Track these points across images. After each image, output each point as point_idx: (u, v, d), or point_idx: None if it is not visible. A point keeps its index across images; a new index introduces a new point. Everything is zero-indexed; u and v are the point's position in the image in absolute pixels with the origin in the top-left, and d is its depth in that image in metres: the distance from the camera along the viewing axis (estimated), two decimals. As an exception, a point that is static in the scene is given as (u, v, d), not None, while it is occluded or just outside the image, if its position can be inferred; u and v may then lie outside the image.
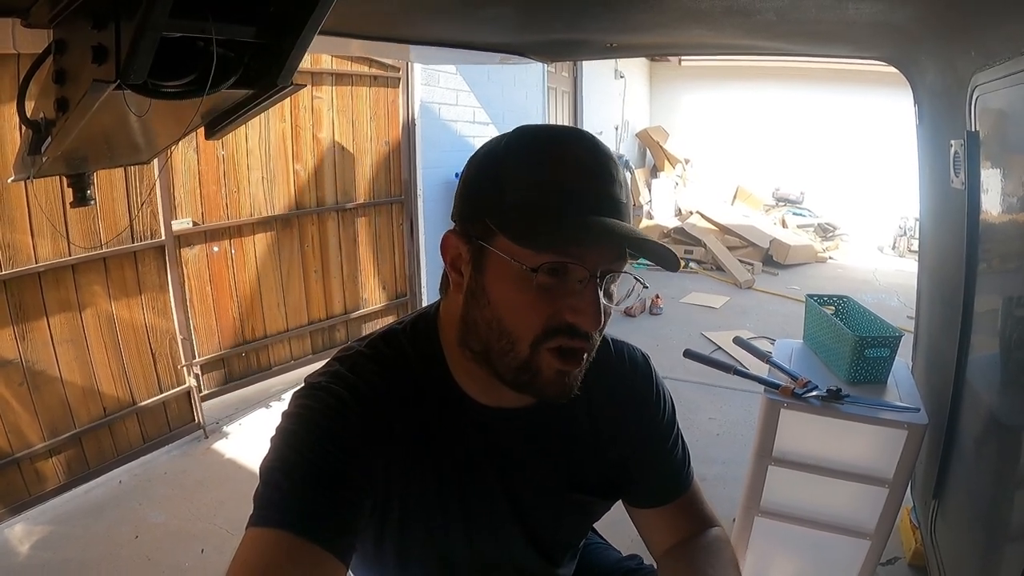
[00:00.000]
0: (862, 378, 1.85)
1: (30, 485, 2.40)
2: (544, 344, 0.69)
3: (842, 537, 1.82)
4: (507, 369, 0.72)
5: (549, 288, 0.68)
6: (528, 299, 0.68)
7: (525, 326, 0.69)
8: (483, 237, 0.70)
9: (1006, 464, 1.43)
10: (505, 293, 0.70)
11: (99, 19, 0.79)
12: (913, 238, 7.72)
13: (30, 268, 2.30)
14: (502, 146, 0.74)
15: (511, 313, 0.70)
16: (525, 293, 0.68)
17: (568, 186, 0.68)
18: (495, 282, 0.70)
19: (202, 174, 3.04)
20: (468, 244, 0.72)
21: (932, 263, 2.18)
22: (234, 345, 3.36)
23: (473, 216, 0.72)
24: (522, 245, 0.66)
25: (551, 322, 0.69)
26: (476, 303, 0.72)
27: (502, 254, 0.68)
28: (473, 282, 0.72)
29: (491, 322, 0.71)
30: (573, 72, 7.03)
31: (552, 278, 0.67)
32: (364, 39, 1.71)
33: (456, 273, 0.75)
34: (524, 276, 0.67)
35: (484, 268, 0.71)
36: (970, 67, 1.43)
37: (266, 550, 0.62)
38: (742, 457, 2.67)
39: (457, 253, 0.74)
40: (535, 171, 0.69)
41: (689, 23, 1.48)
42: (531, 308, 0.68)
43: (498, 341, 0.71)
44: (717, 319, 5.17)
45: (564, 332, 0.69)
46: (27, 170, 1.20)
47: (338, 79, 3.66)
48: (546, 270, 0.67)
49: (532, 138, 0.73)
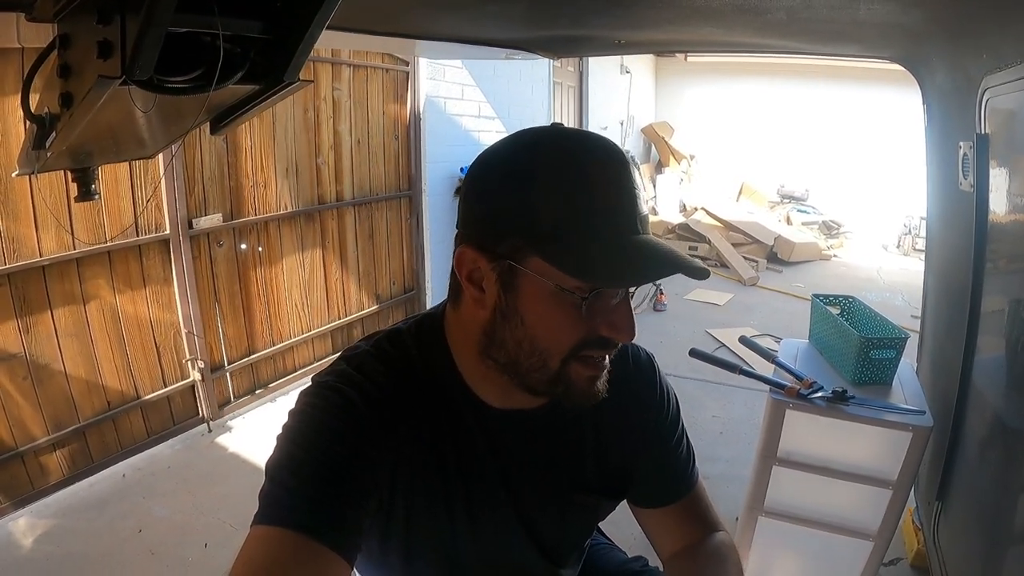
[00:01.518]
0: (867, 379, 1.85)
1: (34, 479, 2.41)
2: (574, 357, 0.70)
3: (845, 538, 1.82)
4: (538, 382, 0.73)
5: (587, 307, 0.68)
6: (567, 319, 0.68)
7: (560, 344, 0.69)
8: (513, 257, 0.68)
9: (1011, 467, 1.42)
10: (541, 313, 0.69)
11: (104, 14, 0.78)
12: (918, 237, 7.70)
13: (35, 261, 2.30)
14: (526, 159, 0.70)
15: (547, 332, 0.69)
16: (563, 314, 0.68)
17: (605, 206, 0.67)
18: (529, 302, 0.69)
19: (230, 167, 3.04)
20: (493, 262, 0.70)
21: (939, 264, 2.16)
22: (262, 349, 3.38)
23: (501, 234, 0.69)
24: (567, 272, 0.65)
25: (586, 337, 0.69)
26: (506, 322, 0.71)
27: (538, 276, 0.67)
28: (502, 301, 0.70)
29: (522, 341, 0.70)
30: (579, 67, 7.00)
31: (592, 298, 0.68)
32: (370, 34, 1.70)
33: (475, 288, 0.72)
34: (564, 298, 0.67)
35: (516, 288, 0.69)
36: (981, 69, 1.41)
37: (271, 548, 0.62)
38: (745, 456, 2.67)
39: (475, 268, 0.71)
40: (571, 190, 0.67)
41: (698, 21, 1.47)
42: (569, 328, 0.69)
43: (528, 358, 0.71)
44: (721, 316, 5.16)
45: (596, 345, 0.70)
46: (32, 165, 1.20)
47: (355, 70, 3.65)
48: (592, 293, 0.67)
49: (562, 151, 0.69)
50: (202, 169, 2.90)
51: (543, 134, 0.71)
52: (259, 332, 3.35)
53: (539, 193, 0.67)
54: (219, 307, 3.08)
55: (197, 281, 2.93)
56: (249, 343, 3.30)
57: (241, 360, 3.25)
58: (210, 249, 3.00)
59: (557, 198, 0.67)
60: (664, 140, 8.98)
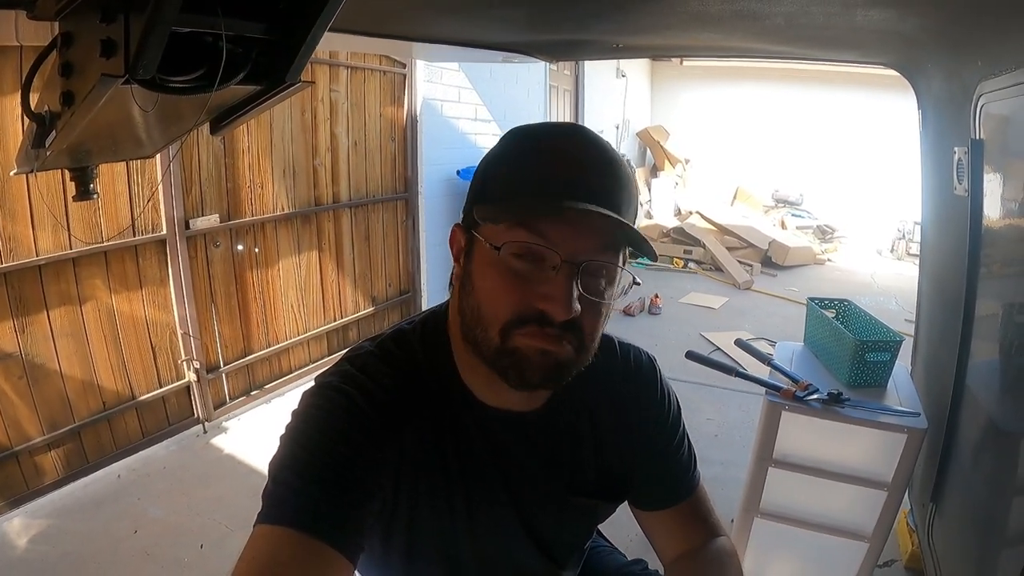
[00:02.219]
0: (862, 382, 1.86)
1: (29, 479, 2.39)
2: (515, 331, 0.69)
3: (840, 539, 1.83)
4: (488, 357, 0.71)
5: (521, 274, 0.68)
6: (501, 283, 0.69)
7: (497, 311, 0.69)
8: (472, 226, 0.73)
9: (1004, 469, 1.44)
10: (483, 278, 0.71)
11: (108, 12, 0.78)
12: (912, 241, 7.74)
13: (31, 261, 2.29)
14: (498, 143, 0.76)
15: (486, 298, 0.70)
16: (499, 277, 0.69)
17: (545, 173, 0.69)
18: (477, 267, 0.72)
19: (227, 168, 3.04)
20: (464, 235, 0.75)
21: (933, 268, 2.18)
22: (258, 350, 3.37)
23: (467, 208, 0.75)
24: (489, 222, 0.69)
25: (521, 308, 0.68)
26: (464, 291, 0.74)
27: (481, 238, 0.70)
28: (463, 270, 0.74)
29: (474, 308, 0.72)
30: (575, 71, 7.02)
31: (524, 263, 0.68)
32: (371, 36, 1.71)
33: (457, 265, 0.77)
34: (497, 259, 0.68)
35: (472, 256, 0.73)
36: (976, 76, 1.43)
37: (275, 547, 0.62)
38: (740, 458, 2.68)
39: (460, 245, 0.76)
40: (518, 161, 0.71)
41: (697, 26, 1.48)
42: (503, 292, 0.69)
43: (477, 326, 0.71)
44: (716, 320, 5.17)
45: (535, 321, 0.68)
46: (31, 163, 1.19)
47: (353, 72, 3.66)
48: (513, 252, 0.67)
49: (524, 133, 0.74)
50: (199, 170, 2.90)
51: (525, 125, 0.76)
52: (255, 333, 3.34)
53: (494, 166, 0.74)
54: (215, 308, 3.08)
55: (193, 282, 2.93)
56: (245, 344, 3.29)
57: (237, 361, 3.24)
58: (207, 250, 3.00)
59: (504, 167, 0.72)
60: (659, 144, 9.00)
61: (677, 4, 1.25)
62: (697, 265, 6.89)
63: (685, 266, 6.87)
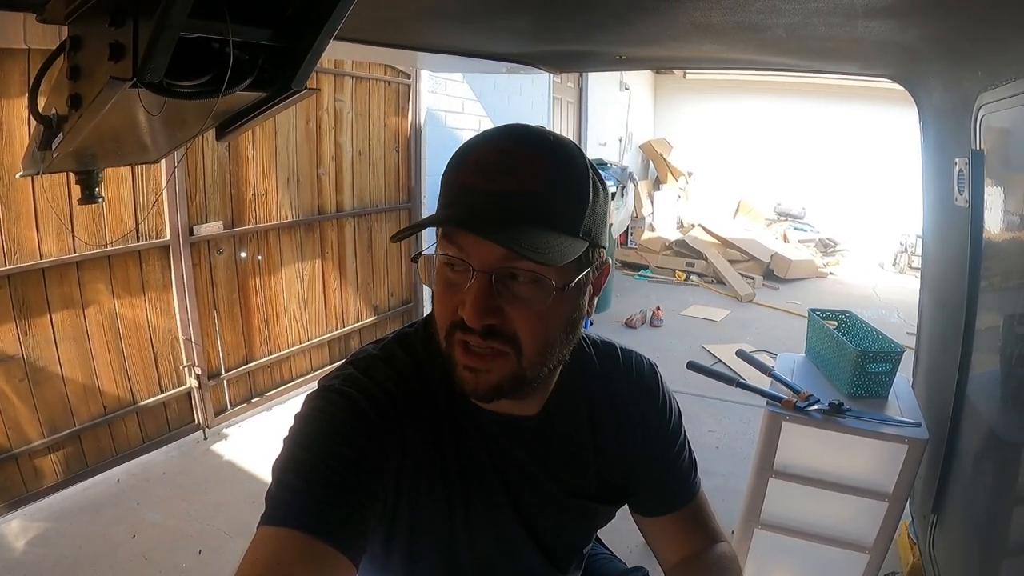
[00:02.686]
0: (863, 392, 1.86)
1: (28, 481, 2.39)
2: (452, 336, 0.71)
3: (841, 550, 1.82)
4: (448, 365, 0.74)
5: (452, 283, 0.70)
6: (439, 291, 0.72)
7: (440, 318, 0.73)
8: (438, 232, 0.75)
9: (1005, 480, 1.43)
10: (435, 284, 0.73)
11: (117, 17, 0.79)
12: (914, 255, 7.73)
13: (35, 264, 2.31)
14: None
15: (435, 304, 0.74)
16: (438, 286, 0.72)
17: (462, 182, 0.70)
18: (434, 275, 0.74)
19: (231, 175, 3.06)
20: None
21: (934, 280, 2.18)
22: (259, 357, 3.38)
23: None
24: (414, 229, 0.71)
25: (454, 316, 0.70)
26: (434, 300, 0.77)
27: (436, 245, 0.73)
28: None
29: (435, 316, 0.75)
30: (578, 83, 7.06)
31: (453, 273, 0.70)
32: (375, 45, 1.72)
33: None
34: (439, 268, 0.72)
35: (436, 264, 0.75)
36: (976, 87, 1.44)
37: (277, 548, 0.62)
38: (741, 470, 2.67)
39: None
40: (449, 170, 0.73)
41: (699, 37, 1.49)
42: (440, 301, 0.72)
43: (437, 333, 0.74)
44: (718, 332, 5.17)
45: (460, 327, 0.70)
46: (37, 166, 1.20)
47: (357, 82, 3.69)
48: (442, 262, 0.70)
49: (471, 139, 0.75)
50: (204, 176, 2.92)
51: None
52: (257, 341, 3.35)
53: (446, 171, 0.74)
54: (217, 314, 3.09)
55: (196, 288, 2.94)
56: (247, 351, 3.30)
57: (238, 368, 3.25)
58: (210, 256, 3.01)
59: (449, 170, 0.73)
60: (662, 157, 9.04)
61: (680, 15, 1.26)
62: (699, 278, 6.90)
63: (687, 279, 6.87)
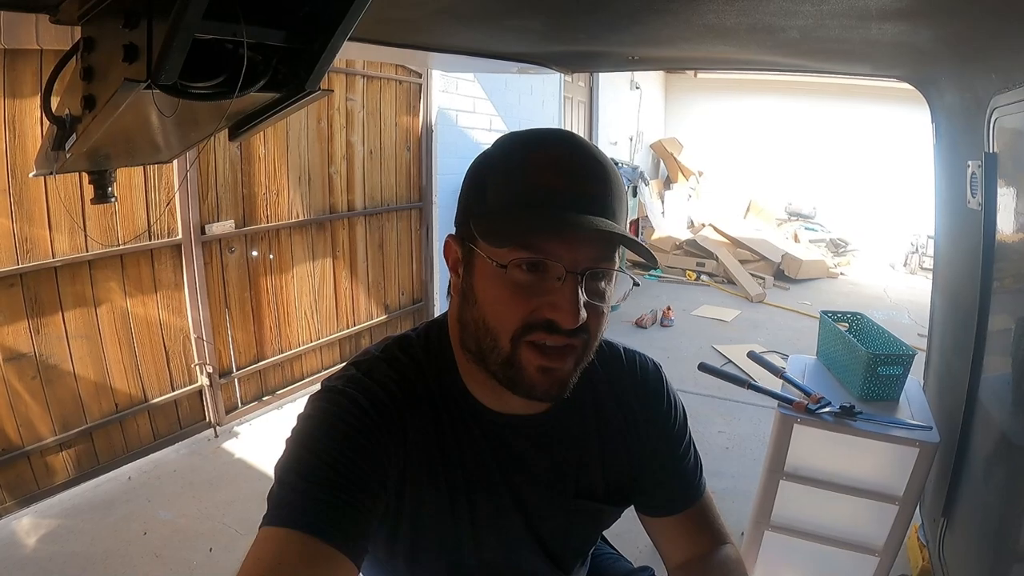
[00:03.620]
0: (875, 395, 1.85)
1: (39, 478, 2.42)
2: (523, 338, 0.70)
3: (851, 553, 1.81)
4: (495, 366, 0.73)
5: (527, 285, 0.69)
6: (506, 296, 0.70)
7: (505, 322, 0.70)
8: (470, 239, 0.73)
9: (1017, 484, 1.42)
10: (487, 291, 0.71)
11: (131, 18, 0.79)
12: (925, 255, 7.68)
13: (47, 262, 2.33)
14: (488, 151, 0.77)
15: (492, 310, 0.71)
16: (504, 290, 0.70)
17: (539, 183, 0.69)
18: (480, 280, 0.72)
19: (243, 174, 3.07)
20: (461, 247, 0.75)
21: (946, 282, 2.17)
22: (271, 356, 3.40)
23: (462, 220, 0.75)
24: (493, 243, 0.69)
25: (530, 318, 0.69)
26: (467, 303, 0.74)
27: (482, 253, 0.71)
28: (464, 283, 0.75)
29: (478, 320, 0.73)
30: (589, 82, 7.05)
31: (529, 275, 0.69)
32: (388, 46, 1.72)
33: (455, 275, 0.78)
34: (500, 273, 0.69)
35: (471, 268, 0.73)
36: (990, 89, 1.43)
37: (280, 549, 0.62)
38: (751, 471, 2.66)
39: (456, 256, 0.77)
40: (511, 172, 0.72)
41: (713, 39, 1.48)
42: (509, 305, 0.70)
43: (484, 338, 0.72)
44: (728, 332, 5.15)
45: (543, 328, 0.69)
46: (50, 166, 1.21)
47: (369, 81, 3.70)
48: (517, 266, 0.68)
49: (513, 141, 0.75)
50: (216, 175, 2.93)
51: (512, 132, 0.77)
52: (268, 339, 3.37)
53: (487, 177, 0.74)
54: (229, 313, 3.10)
55: (208, 287, 2.96)
56: (258, 350, 3.32)
57: (249, 366, 3.27)
58: (221, 255, 3.03)
59: (499, 179, 0.72)
60: (673, 156, 9.01)
61: (693, 17, 1.26)
62: (710, 278, 6.87)
63: (698, 278, 6.85)
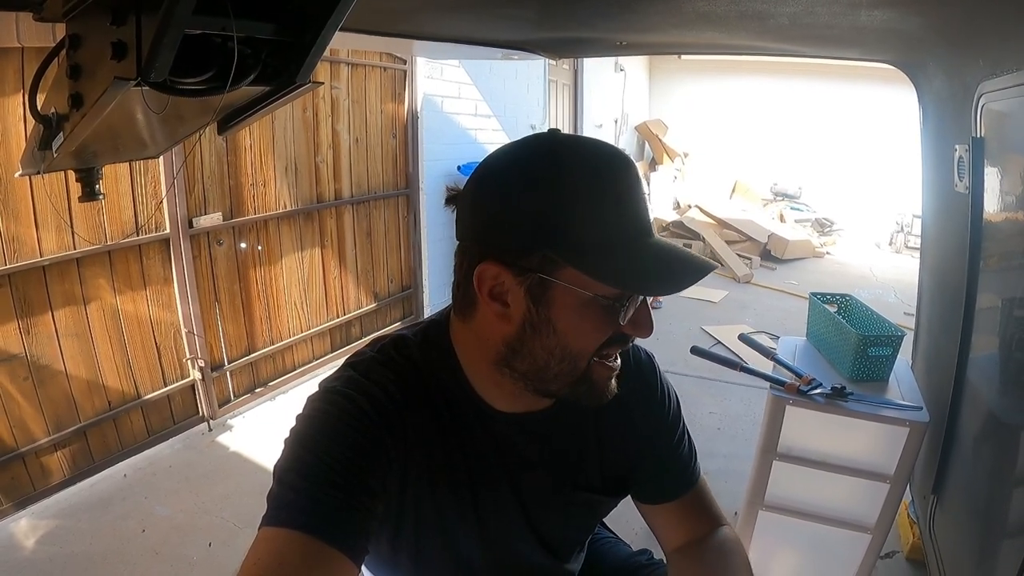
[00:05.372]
0: (864, 376, 1.87)
1: (35, 479, 2.40)
2: (598, 355, 0.74)
3: (843, 531, 1.84)
4: (561, 386, 0.75)
5: (609, 307, 0.71)
6: (598, 323, 0.71)
7: (589, 345, 0.73)
8: (544, 270, 0.69)
9: (1005, 461, 1.45)
10: (574, 321, 0.71)
11: (118, 14, 0.77)
12: (910, 234, 7.76)
13: (35, 262, 2.29)
14: (548, 170, 0.70)
15: (578, 337, 0.72)
16: (596, 318, 0.71)
17: (631, 215, 0.71)
18: (562, 311, 0.71)
19: (230, 166, 3.04)
20: (520, 276, 0.70)
21: (934, 263, 2.19)
22: (262, 348, 3.38)
23: (527, 248, 0.69)
24: (600, 280, 0.68)
25: (612, 336, 0.73)
26: (537, 334, 0.72)
27: (571, 286, 0.69)
28: (532, 314, 0.71)
29: (554, 349, 0.72)
30: (574, 66, 7.01)
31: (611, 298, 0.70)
32: (376, 35, 1.70)
33: (499, 304, 0.72)
34: (595, 303, 0.70)
35: (548, 300, 0.70)
36: (978, 75, 1.44)
37: (280, 549, 0.62)
38: (743, 451, 2.69)
39: (498, 283, 0.72)
40: (597, 201, 0.69)
41: (702, 25, 1.48)
42: (597, 330, 0.72)
43: (559, 364, 0.73)
44: (716, 313, 5.19)
45: (617, 342, 0.74)
46: (36, 165, 1.19)
47: (354, 69, 3.66)
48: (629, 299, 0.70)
49: (583, 160, 0.71)
50: (202, 168, 2.90)
51: (559, 142, 0.72)
52: (259, 331, 3.35)
53: (568, 205, 0.68)
54: (219, 306, 3.08)
55: (197, 280, 2.93)
56: (249, 342, 3.30)
57: (241, 359, 3.25)
58: (210, 248, 3.00)
59: (586, 209, 0.69)
60: (658, 138, 9.00)
61: (683, 3, 1.25)
62: (698, 259, 6.89)
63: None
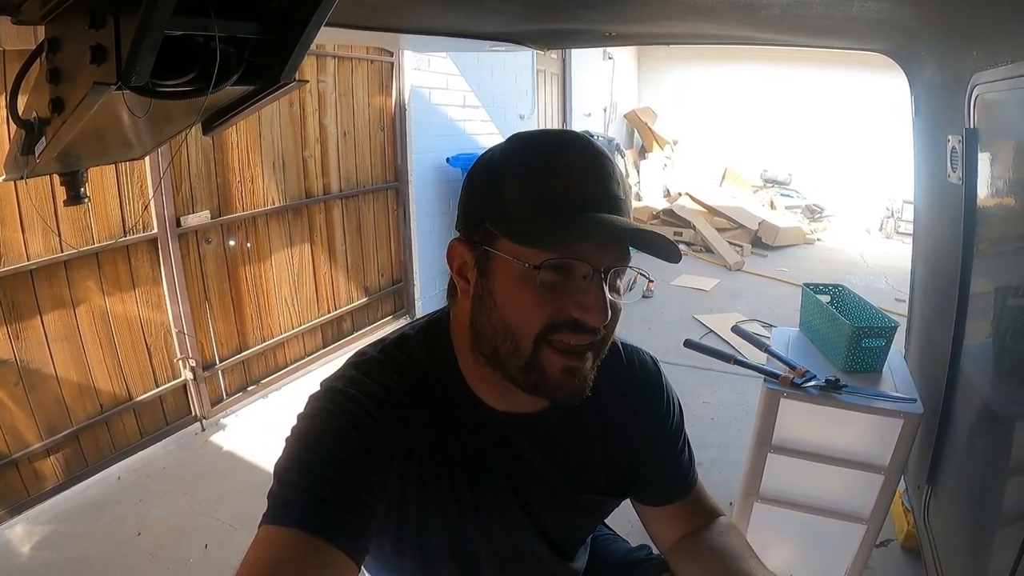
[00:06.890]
0: (858, 367, 1.88)
1: (29, 485, 2.38)
2: (547, 338, 0.70)
3: (838, 521, 1.86)
4: (515, 370, 0.73)
5: (553, 285, 0.69)
6: (532, 297, 0.70)
7: (529, 323, 0.70)
8: (486, 242, 0.72)
9: (998, 450, 1.46)
10: (510, 293, 0.71)
11: (97, 17, 0.76)
12: (900, 220, 7.79)
13: (22, 266, 2.26)
14: (499, 154, 0.76)
15: (515, 312, 0.71)
16: (528, 291, 0.70)
17: (566, 186, 0.70)
18: (500, 284, 0.72)
19: (216, 163, 3.00)
20: (472, 250, 0.74)
21: (927, 253, 2.20)
22: (253, 345, 3.36)
23: (475, 223, 0.74)
24: (524, 245, 0.68)
25: (555, 318, 0.70)
26: (483, 307, 0.74)
27: (505, 255, 0.70)
28: (479, 287, 0.74)
29: (497, 324, 0.72)
30: (562, 55, 6.97)
31: (556, 275, 0.69)
32: (362, 29, 1.68)
33: (463, 280, 0.77)
34: (527, 275, 0.69)
35: (489, 272, 0.73)
36: (971, 67, 1.43)
37: (280, 548, 0.62)
38: (737, 441, 2.71)
39: (463, 260, 0.76)
40: (533, 174, 0.71)
41: (693, 16, 1.47)
42: (535, 306, 0.70)
43: (504, 342, 0.72)
44: (708, 302, 5.19)
45: (568, 328, 0.70)
46: (20, 170, 1.17)
47: (340, 62, 3.62)
48: (549, 267, 0.68)
49: (528, 143, 0.75)
50: (189, 166, 2.86)
51: (520, 134, 0.77)
52: (250, 329, 3.33)
53: (507, 181, 0.73)
54: (209, 305, 3.06)
55: (186, 279, 2.90)
56: (240, 340, 3.28)
57: (232, 357, 3.23)
58: (198, 247, 2.97)
59: (520, 182, 0.72)
60: (647, 126, 8.98)
61: (673, -5, 1.25)
62: (687, 247, 6.91)
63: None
